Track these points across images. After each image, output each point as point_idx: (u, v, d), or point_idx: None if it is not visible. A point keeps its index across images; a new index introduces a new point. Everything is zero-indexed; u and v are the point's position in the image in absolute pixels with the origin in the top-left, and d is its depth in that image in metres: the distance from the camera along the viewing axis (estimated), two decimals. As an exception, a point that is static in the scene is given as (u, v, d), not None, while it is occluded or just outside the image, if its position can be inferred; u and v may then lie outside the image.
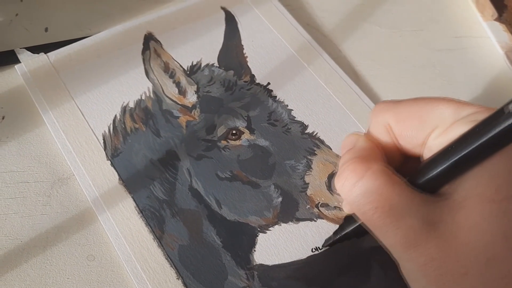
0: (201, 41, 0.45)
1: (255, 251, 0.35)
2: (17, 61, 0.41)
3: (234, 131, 0.39)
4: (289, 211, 0.37)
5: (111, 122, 0.39)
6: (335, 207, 0.37)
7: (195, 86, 0.42)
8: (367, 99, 0.43)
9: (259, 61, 0.45)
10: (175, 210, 0.36)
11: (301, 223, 0.36)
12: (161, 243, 0.34)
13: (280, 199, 0.37)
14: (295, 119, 0.41)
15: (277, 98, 0.42)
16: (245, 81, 0.43)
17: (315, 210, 0.37)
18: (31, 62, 0.41)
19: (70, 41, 0.43)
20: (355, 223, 0.30)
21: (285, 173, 0.38)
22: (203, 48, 0.45)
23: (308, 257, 0.35)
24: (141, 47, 0.44)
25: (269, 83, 0.43)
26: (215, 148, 0.39)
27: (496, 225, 0.23)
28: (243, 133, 0.39)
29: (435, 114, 0.26)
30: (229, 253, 0.35)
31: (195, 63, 0.43)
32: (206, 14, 0.47)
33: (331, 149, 0.40)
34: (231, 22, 0.47)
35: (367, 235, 0.30)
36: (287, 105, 0.42)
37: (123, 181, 0.37)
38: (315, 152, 0.39)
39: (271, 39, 0.46)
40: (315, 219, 0.37)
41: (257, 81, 0.43)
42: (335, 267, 0.35)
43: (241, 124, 0.40)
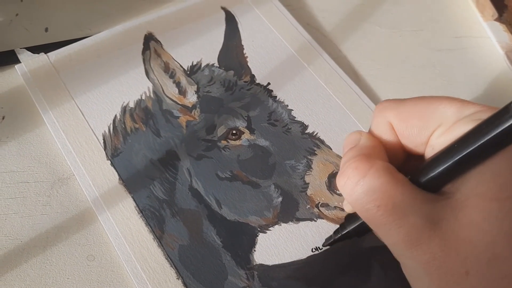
0: (201, 41, 0.45)
1: (255, 251, 0.35)
2: (17, 61, 0.41)
3: (234, 131, 0.39)
4: (289, 211, 0.37)
5: (111, 122, 0.39)
6: (335, 207, 0.37)
7: (195, 86, 0.42)
8: (367, 99, 0.43)
9: (259, 61, 0.45)
10: (175, 210, 0.36)
11: (301, 223, 0.36)
12: (161, 243, 0.34)
13: (280, 199, 0.37)
14: (295, 119, 0.41)
15: (277, 98, 0.42)
16: (245, 81, 0.43)
17: (315, 210, 0.37)
18: (31, 62, 0.41)
19: (70, 41, 0.43)
20: (356, 222, 0.30)
21: (285, 173, 0.38)
22: (203, 48, 0.45)
23: (308, 257, 0.35)
24: (141, 47, 0.44)
25: (269, 83, 0.43)
26: (215, 148, 0.39)
27: (498, 225, 0.23)
28: (243, 133, 0.39)
29: (438, 112, 0.26)
30: (229, 253, 0.35)
31: (195, 63, 0.43)
32: (206, 14, 0.47)
33: (331, 149, 0.40)
34: (231, 22, 0.47)
35: (368, 234, 0.30)
36: (287, 105, 0.42)
37: (123, 181, 0.37)
38: (315, 152, 0.39)
39: (271, 39, 0.46)
40: (315, 219, 0.37)
41: (257, 81, 0.43)
42: (335, 267, 0.35)
43: (241, 124, 0.40)
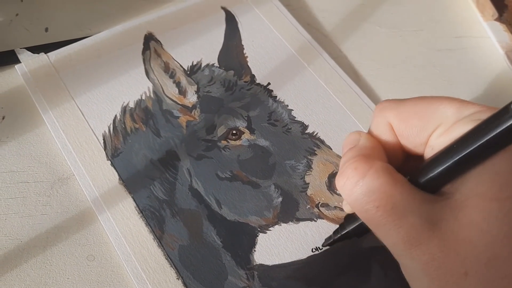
0: (201, 41, 0.45)
1: (255, 251, 0.35)
2: (17, 61, 0.41)
3: (234, 131, 0.39)
4: (289, 211, 0.37)
5: (111, 122, 0.39)
6: (335, 207, 0.37)
7: (195, 86, 0.42)
8: (367, 99, 0.43)
9: (259, 61, 0.45)
10: (175, 210, 0.36)
11: (301, 223, 0.36)
12: (161, 243, 0.34)
13: (280, 199, 0.37)
14: (295, 119, 0.41)
15: (277, 98, 0.42)
16: (245, 81, 0.43)
17: (315, 210, 0.37)
18: (31, 62, 0.41)
19: (70, 41, 0.43)
20: (355, 222, 0.30)
21: (285, 173, 0.38)
22: (203, 48, 0.45)
23: (308, 257, 0.35)
24: (141, 47, 0.44)
25: (269, 83, 0.43)
26: (215, 148, 0.39)
27: (497, 225, 0.23)
28: (243, 133, 0.39)
29: (438, 113, 0.26)
30: (229, 253, 0.35)
31: (195, 63, 0.43)
32: (206, 14, 0.47)
33: (331, 149, 0.40)
34: (231, 22, 0.47)
35: (367, 234, 0.30)
36: (287, 105, 0.42)
37: (123, 181, 0.37)
38: (315, 152, 0.39)
39: (272, 39, 0.46)
40: (315, 219, 0.37)
41: (257, 81, 0.43)
42: (335, 267, 0.35)
43: (241, 124, 0.40)
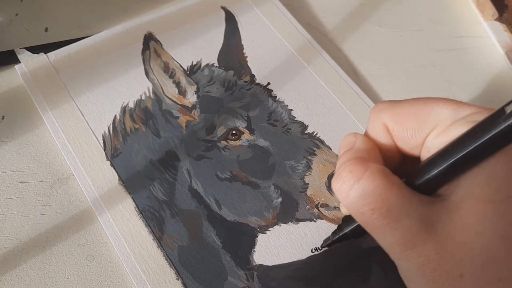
0: (201, 41, 0.45)
1: (254, 251, 0.35)
2: (17, 61, 0.41)
3: (234, 131, 0.39)
4: (289, 211, 0.37)
5: (111, 122, 0.39)
6: (335, 208, 0.37)
7: (195, 86, 0.42)
8: (367, 99, 0.43)
9: (259, 61, 0.45)
10: (174, 210, 0.36)
11: (301, 223, 0.36)
12: (160, 243, 0.34)
13: (280, 199, 0.37)
14: (295, 119, 0.41)
15: (277, 98, 0.42)
16: (245, 81, 0.43)
17: (315, 210, 0.37)
18: (31, 62, 0.41)
19: (70, 41, 0.43)
20: (353, 223, 0.30)
21: (285, 174, 0.38)
22: (203, 48, 0.45)
23: (308, 257, 0.35)
24: (141, 47, 0.44)
25: (269, 83, 0.43)
26: (215, 148, 0.39)
27: (492, 227, 0.23)
28: (243, 133, 0.39)
29: (434, 114, 0.26)
30: (228, 254, 0.35)
31: (195, 63, 0.43)
32: (206, 14, 0.47)
33: (331, 149, 0.40)
34: (231, 21, 0.47)
35: (365, 235, 0.30)
36: (287, 105, 0.42)
37: (122, 181, 0.37)
38: (315, 152, 0.39)
39: (271, 39, 0.46)
40: (315, 220, 0.37)
41: (257, 81, 0.43)
42: (335, 268, 0.35)
43: (241, 124, 0.40)
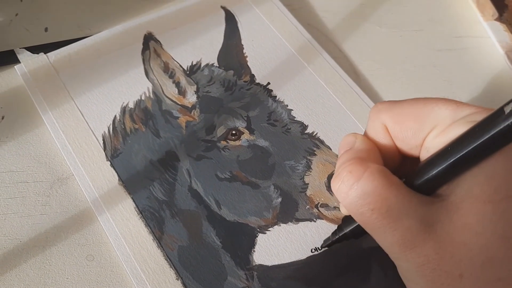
0: (201, 41, 0.45)
1: (254, 251, 0.35)
2: (17, 61, 0.41)
3: (233, 132, 0.39)
4: (289, 211, 0.37)
5: (111, 122, 0.39)
6: (335, 208, 0.37)
7: (195, 86, 0.42)
8: (367, 99, 0.43)
9: (259, 60, 0.45)
10: (174, 210, 0.36)
11: (301, 223, 0.36)
12: (160, 243, 0.34)
13: (279, 199, 0.37)
14: (295, 119, 0.41)
15: (277, 98, 0.42)
16: (245, 81, 0.43)
17: (315, 210, 0.37)
18: (30, 62, 0.41)
19: (70, 41, 0.43)
20: (353, 224, 0.30)
21: (284, 174, 0.38)
22: (203, 48, 0.44)
23: (307, 257, 0.35)
24: (141, 47, 0.44)
25: (269, 83, 0.43)
26: (215, 148, 0.39)
27: (492, 227, 0.23)
28: (243, 133, 0.39)
29: (433, 114, 0.26)
30: (228, 254, 0.35)
31: (195, 63, 0.43)
32: (206, 13, 0.47)
33: (331, 149, 0.40)
34: (231, 21, 0.47)
35: (365, 235, 0.30)
36: (287, 105, 0.42)
37: (122, 181, 0.37)
38: (315, 152, 0.39)
39: (271, 39, 0.46)
40: (315, 220, 0.37)
41: (257, 81, 0.43)
42: (335, 268, 0.35)
43: (240, 124, 0.40)
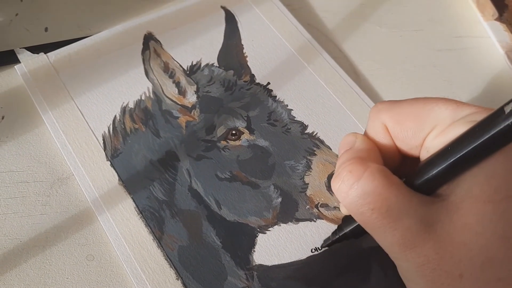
0: (201, 41, 0.45)
1: (254, 251, 0.35)
2: (17, 61, 0.41)
3: (233, 131, 0.39)
4: (289, 211, 0.37)
5: (111, 122, 0.39)
6: (335, 208, 0.37)
7: (195, 86, 0.42)
8: (368, 98, 0.43)
9: (259, 60, 0.45)
10: (174, 210, 0.36)
11: (301, 223, 0.36)
12: (160, 243, 0.34)
13: (279, 199, 0.37)
14: (295, 119, 0.41)
15: (277, 98, 0.42)
16: (245, 81, 0.43)
17: (315, 210, 0.37)
18: (31, 62, 0.41)
19: (70, 41, 0.43)
20: (353, 223, 0.30)
21: (284, 174, 0.38)
22: (203, 47, 0.45)
23: (307, 257, 0.35)
24: (141, 47, 0.44)
25: (269, 83, 0.43)
26: (215, 148, 0.39)
27: (492, 227, 0.23)
28: (243, 133, 0.39)
29: (433, 114, 0.26)
30: (228, 254, 0.35)
31: (195, 63, 0.43)
32: (206, 13, 0.47)
33: (331, 149, 0.40)
34: (231, 21, 0.47)
35: (365, 235, 0.30)
36: (287, 105, 0.42)
37: (122, 181, 0.37)
38: (315, 152, 0.39)
39: (271, 39, 0.46)
40: (315, 220, 0.37)
41: (257, 81, 0.43)
42: (335, 268, 0.35)
43: (240, 124, 0.40)
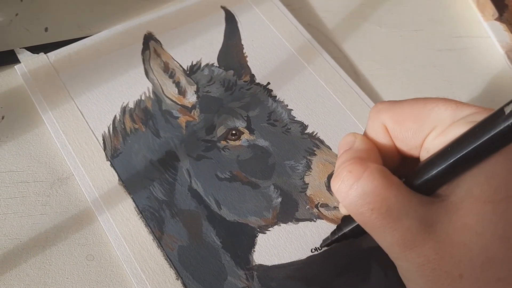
0: (201, 41, 0.45)
1: (254, 251, 0.35)
2: (17, 61, 0.41)
3: (233, 131, 0.39)
4: (289, 211, 0.37)
5: (111, 122, 0.39)
6: (335, 208, 0.37)
7: (195, 86, 0.42)
8: (368, 98, 0.43)
9: (259, 60, 0.45)
10: (174, 210, 0.36)
11: (301, 223, 0.36)
12: (160, 243, 0.34)
13: (279, 199, 0.37)
14: (295, 119, 0.41)
15: (277, 98, 0.42)
16: (245, 81, 0.43)
17: (315, 210, 0.37)
18: (31, 62, 0.41)
19: (70, 41, 0.43)
20: (352, 223, 0.30)
21: (284, 174, 0.38)
22: (203, 47, 0.44)
23: (307, 257, 0.35)
24: (141, 47, 0.44)
25: (269, 83, 0.43)
26: (215, 148, 0.39)
27: (492, 227, 0.23)
28: (243, 133, 0.39)
29: (433, 115, 0.26)
30: (228, 254, 0.35)
31: (195, 63, 0.43)
32: (206, 13, 0.47)
33: (330, 149, 0.40)
34: (231, 21, 0.47)
35: (365, 235, 0.30)
36: (287, 105, 0.42)
37: (122, 181, 0.37)
38: (315, 152, 0.39)
39: (271, 39, 0.46)
40: (315, 220, 0.37)
41: (257, 81, 0.43)
42: (335, 268, 0.35)
43: (240, 124, 0.40)
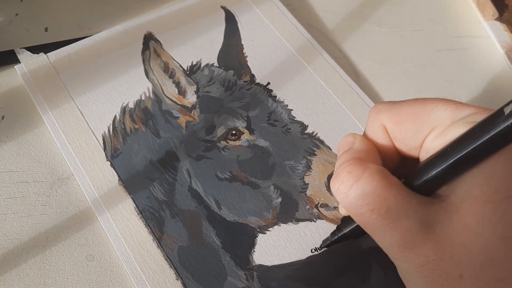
0: (201, 41, 0.45)
1: (254, 251, 0.35)
2: (17, 61, 0.41)
3: (233, 132, 0.39)
4: (289, 211, 0.37)
5: (111, 122, 0.39)
6: (335, 208, 0.37)
7: (195, 86, 0.42)
8: (368, 99, 0.43)
9: (259, 60, 0.45)
10: (174, 211, 0.36)
11: (301, 223, 0.36)
12: (160, 243, 0.34)
13: (279, 199, 0.37)
14: (295, 119, 0.41)
15: (277, 98, 0.42)
16: (245, 81, 0.43)
17: (315, 210, 0.37)
18: (31, 62, 0.41)
19: (70, 41, 0.43)
20: (352, 224, 0.30)
21: (284, 174, 0.38)
22: (203, 48, 0.44)
23: (307, 257, 0.35)
24: (141, 47, 0.44)
25: (269, 83, 0.43)
26: (215, 148, 0.39)
27: (491, 228, 0.23)
28: (243, 133, 0.39)
29: (433, 115, 0.26)
30: (228, 254, 0.35)
31: (195, 63, 0.43)
32: (206, 13, 0.47)
33: (330, 149, 0.40)
34: (231, 21, 0.47)
35: (364, 235, 0.30)
36: (287, 105, 0.42)
37: (122, 181, 0.37)
38: (315, 152, 0.39)
39: (271, 39, 0.46)
40: (315, 220, 0.37)
41: (257, 81, 0.43)
42: (335, 268, 0.35)
43: (240, 124, 0.40)
